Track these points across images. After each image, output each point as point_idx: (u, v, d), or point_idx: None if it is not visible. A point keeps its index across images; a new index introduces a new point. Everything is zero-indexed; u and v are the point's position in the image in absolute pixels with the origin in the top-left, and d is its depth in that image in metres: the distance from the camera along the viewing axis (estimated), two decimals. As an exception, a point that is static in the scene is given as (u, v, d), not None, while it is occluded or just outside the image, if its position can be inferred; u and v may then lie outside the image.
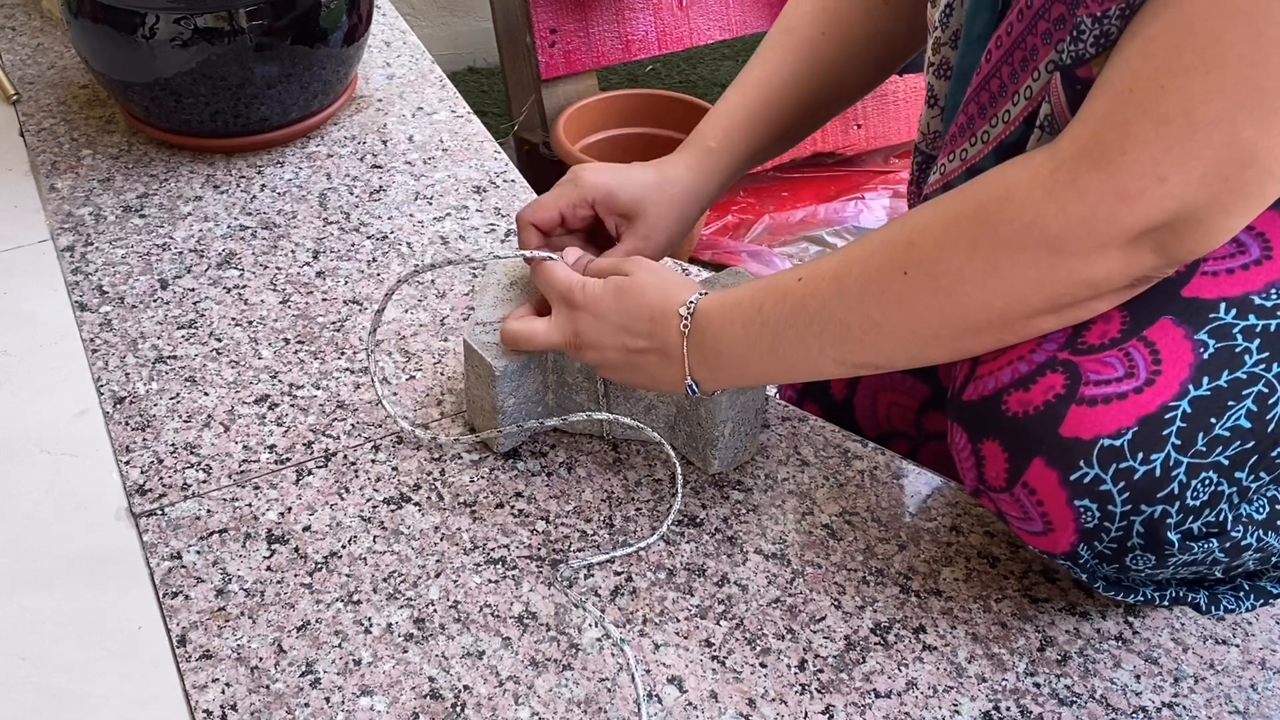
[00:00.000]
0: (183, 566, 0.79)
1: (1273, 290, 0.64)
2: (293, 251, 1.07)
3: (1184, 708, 0.73)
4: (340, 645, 0.74)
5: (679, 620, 0.76)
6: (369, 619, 0.76)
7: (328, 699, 0.71)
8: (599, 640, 0.74)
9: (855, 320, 0.66)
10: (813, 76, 0.83)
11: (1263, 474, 0.64)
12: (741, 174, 0.87)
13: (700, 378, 0.74)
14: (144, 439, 0.88)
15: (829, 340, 0.68)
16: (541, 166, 1.71)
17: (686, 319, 0.72)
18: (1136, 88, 0.55)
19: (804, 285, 0.68)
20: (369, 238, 1.09)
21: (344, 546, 0.80)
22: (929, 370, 0.90)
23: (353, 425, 0.89)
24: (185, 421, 0.89)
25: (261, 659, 0.73)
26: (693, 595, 0.78)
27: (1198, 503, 0.63)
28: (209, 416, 0.90)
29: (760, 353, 0.71)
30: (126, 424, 0.89)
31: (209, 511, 0.82)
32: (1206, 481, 0.63)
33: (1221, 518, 0.64)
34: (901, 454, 0.89)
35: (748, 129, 0.84)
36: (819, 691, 0.72)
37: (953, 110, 0.76)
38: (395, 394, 0.92)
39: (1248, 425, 0.62)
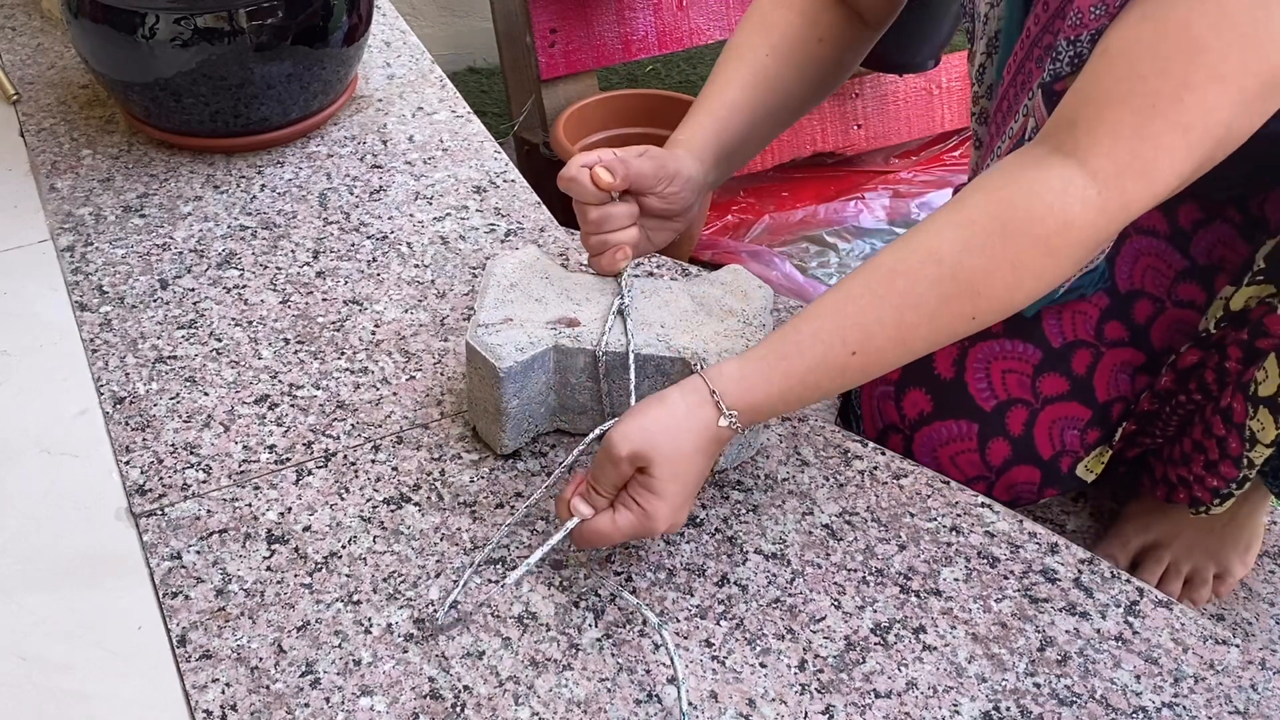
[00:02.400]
0: (183, 566, 0.79)
1: None
2: (293, 251, 1.07)
3: (1184, 708, 0.72)
4: (340, 645, 0.74)
5: (679, 620, 0.76)
6: (369, 619, 0.76)
7: (328, 699, 0.71)
8: (605, 605, 0.74)
9: (912, 359, 0.73)
10: (765, 88, 0.90)
11: None
12: (718, 175, 0.91)
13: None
14: (144, 439, 0.88)
15: (884, 372, 0.74)
16: (541, 166, 1.71)
17: (734, 426, 0.73)
18: (1159, 103, 0.64)
19: (863, 358, 0.72)
20: (369, 238, 1.09)
21: (344, 546, 0.80)
22: (1034, 334, 0.93)
23: (353, 425, 0.89)
24: (185, 421, 0.89)
25: (261, 659, 0.73)
26: (693, 595, 0.78)
27: None
28: (209, 416, 0.90)
29: (812, 403, 0.76)
30: (126, 424, 0.89)
31: (209, 511, 0.82)
32: None
33: None
34: (1020, 422, 0.91)
35: (711, 128, 0.89)
36: (819, 691, 0.72)
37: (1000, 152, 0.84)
38: (395, 394, 0.92)
39: None
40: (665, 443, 0.72)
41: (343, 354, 0.96)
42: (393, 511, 0.83)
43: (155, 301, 1.01)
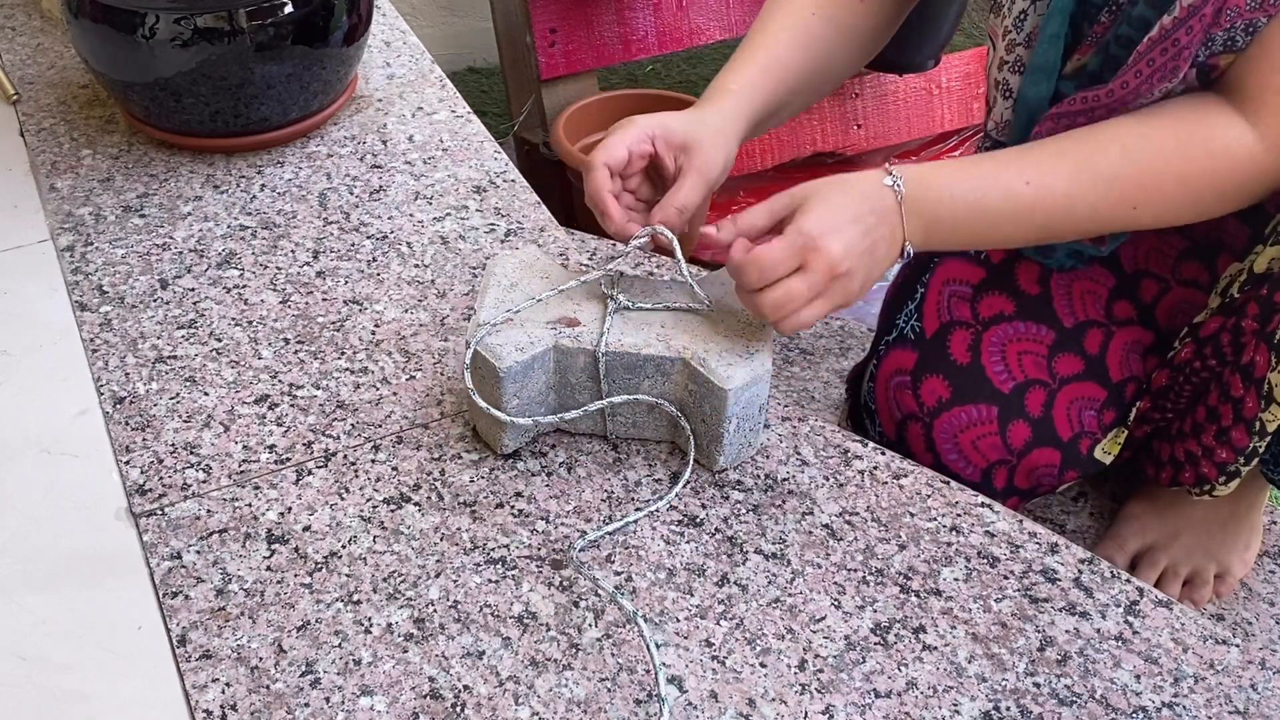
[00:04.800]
0: (183, 566, 0.79)
1: None
2: (293, 251, 1.07)
3: (1184, 708, 0.73)
4: (340, 645, 0.74)
5: (679, 620, 0.76)
6: (369, 619, 0.76)
7: (328, 699, 0.71)
8: (604, 604, 0.74)
9: (1073, 228, 0.82)
10: (806, 49, 0.91)
11: None
12: (758, 130, 0.91)
13: (915, 242, 0.80)
14: (144, 439, 0.88)
15: (1044, 235, 0.82)
16: (541, 166, 1.71)
17: (898, 188, 0.78)
18: None
19: (1033, 191, 0.79)
20: (369, 238, 1.09)
21: (344, 546, 0.80)
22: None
23: (353, 425, 0.89)
24: (185, 421, 0.89)
25: (261, 659, 0.73)
26: (693, 595, 0.78)
27: None
28: (209, 416, 0.90)
29: (974, 231, 0.81)
30: (126, 424, 0.89)
31: (209, 511, 0.82)
32: None
33: None
34: (1039, 403, 0.92)
35: (762, 81, 0.89)
36: (819, 691, 0.72)
37: (1027, 100, 0.88)
38: (395, 394, 0.92)
39: None
40: (825, 184, 0.78)
41: (343, 354, 0.96)
42: (393, 511, 0.83)
43: (155, 301, 1.01)
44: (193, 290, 1.02)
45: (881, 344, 0.98)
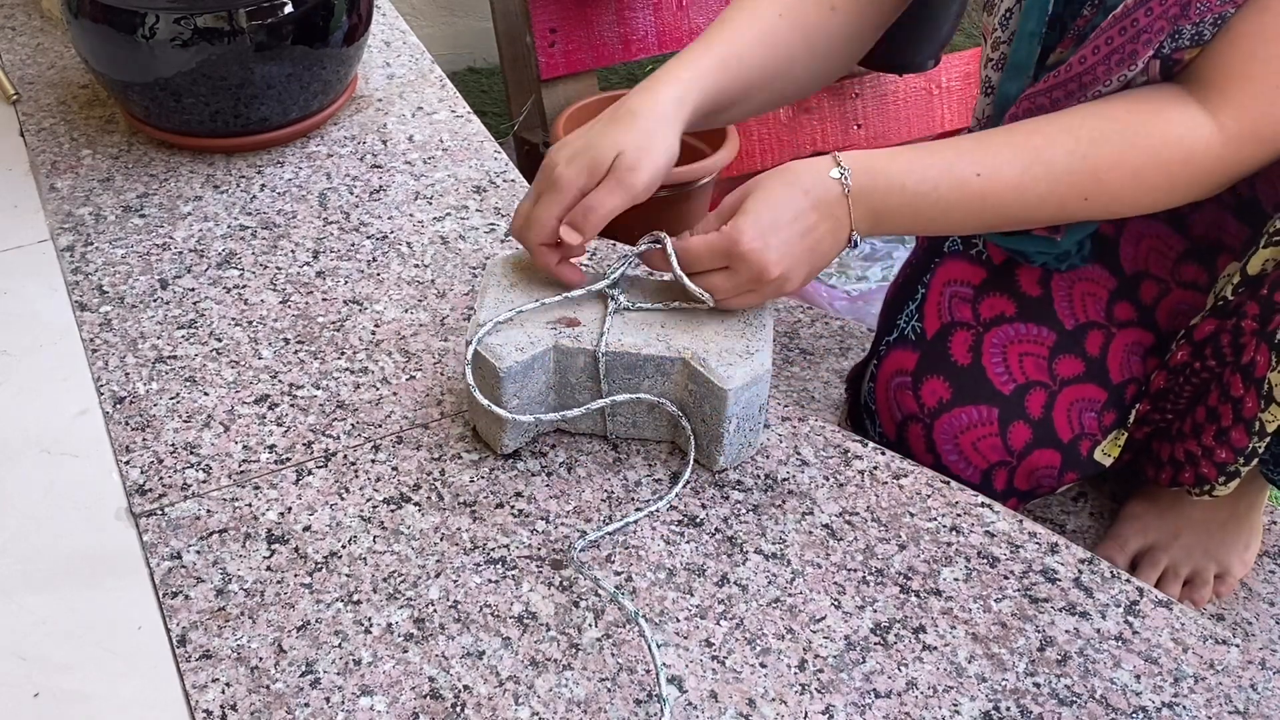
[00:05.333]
0: (183, 566, 0.79)
1: None
2: (293, 251, 1.07)
3: (1184, 708, 0.73)
4: (340, 645, 0.74)
5: (679, 620, 0.76)
6: (369, 619, 0.76)
7: (328, 699, 0.71)
8: (604, 604, 0.74)
9: (1024, 217, 0.82)
10: (767, 50, 0.90)
11: None
12: (706, 121, 0.89)
13: (861, 230, 0.81)
14: (144, 439, 0.88)
15: (994, 224, 0.82)
16: (541, 166, 1.71)
17: (845, 180, 0.79)
18: None
19: (983, 183, 0.79)
20: (369, 238, 1.09)
21: (344, 546, 0.80)
22: (1047, 316, 0.95)
23: (353, 425, 0.89)
24: (185, 421, 0.89)
25: (261, 659, 0.73)
26: (693, 595, 0.78)
27: None
28: (209, 416, 0.90)
29: (921, 220, 0.81)
30: (126, 424, 0.89)
31: (209, 511, 0.82)
32: None
33: None
34: (1040, 405, 0.93)
35: (717, 72, 0.87)
36: (819, 691, 0.72)
37: (1005, 96, 0.89)
38: (395, 394, 0.92)
39: None
40: (770, 177, 0.78)
41: (343, 354, 0.96)
42: (393, 511, 0.83)
43: (155, 301, 1.01)
44: (193, 290, 1.02)
45: (882, 344, 0.98)
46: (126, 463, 0.86)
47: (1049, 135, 0.80)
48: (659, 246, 0.83)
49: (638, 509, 0.83)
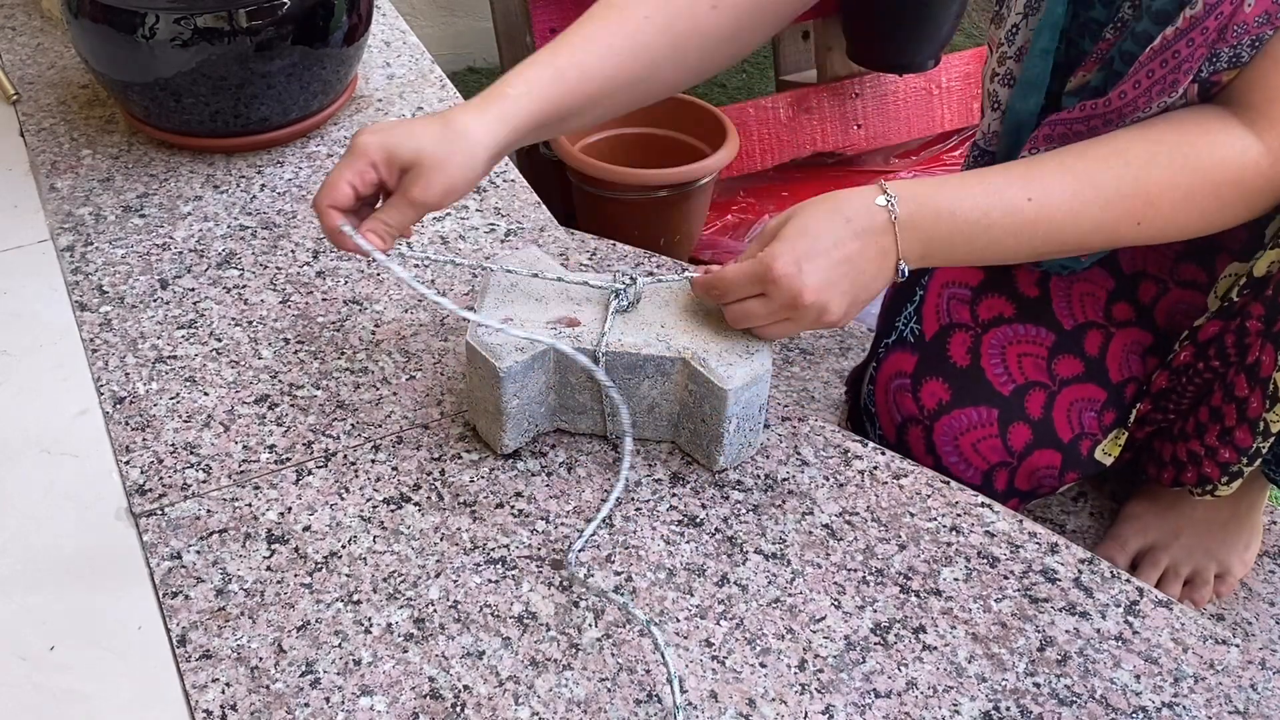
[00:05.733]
0: (183, 566, 0.79)
1: None
2: (293, 251, 1.07)
3: (1184, 708, 0.73)
4: (340, 645, 0.74)
5: (679, 620, 0.76)
6: (369, 619, 0.76)
7: (328, 699, 0.71)
8: (604, 604, 0.74)
9: (1077, 244, 0.80)
10: (629, 54, 0.85)
11: None
12: (548, 133, 0.86)
13: (910, 259, 0.79)
14: (144, 439, 0.88)
15: (1045, 252, 0.81)
16: (541, 166, 1.71)
17: (892, 207, 0.77)
18: None
19: (1035, 208, 0.77)
20: (369, 238, 1.08)
21: (344, 546, 0.80)
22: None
23: (353, 425, 0.89)
24: (185, 421, 0.89)
25: (261, 659, 0.73)
26: (693, 595, 0.78)
27: None
28: (209, 416, 0.90)
29: (974, 248, 0.80)
30: (126, 424, 0.89)
31: (209, 511, 0.82)
32: None
33: None
34: (1039, 405, 0.92)
35: (552, 85, 0.83)
36: (819, 691, 0.72)
37: (1017, 114, 0.88)
38: (395, 394, 0.92)
39: None
40: (813, 204, 0.77)
41: (343, 354, 0.96)
42: (393, 511, 0.83)
43: (155, 301, 1.01)
44: (193, 290, 1.02)
45: (881, 346, 0.98)
46: (126, 463, 0.86)
47: (1099, 158, 0.78)
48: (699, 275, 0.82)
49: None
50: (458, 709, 0.71)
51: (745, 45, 0.90)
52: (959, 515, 0.84)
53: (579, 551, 0.80)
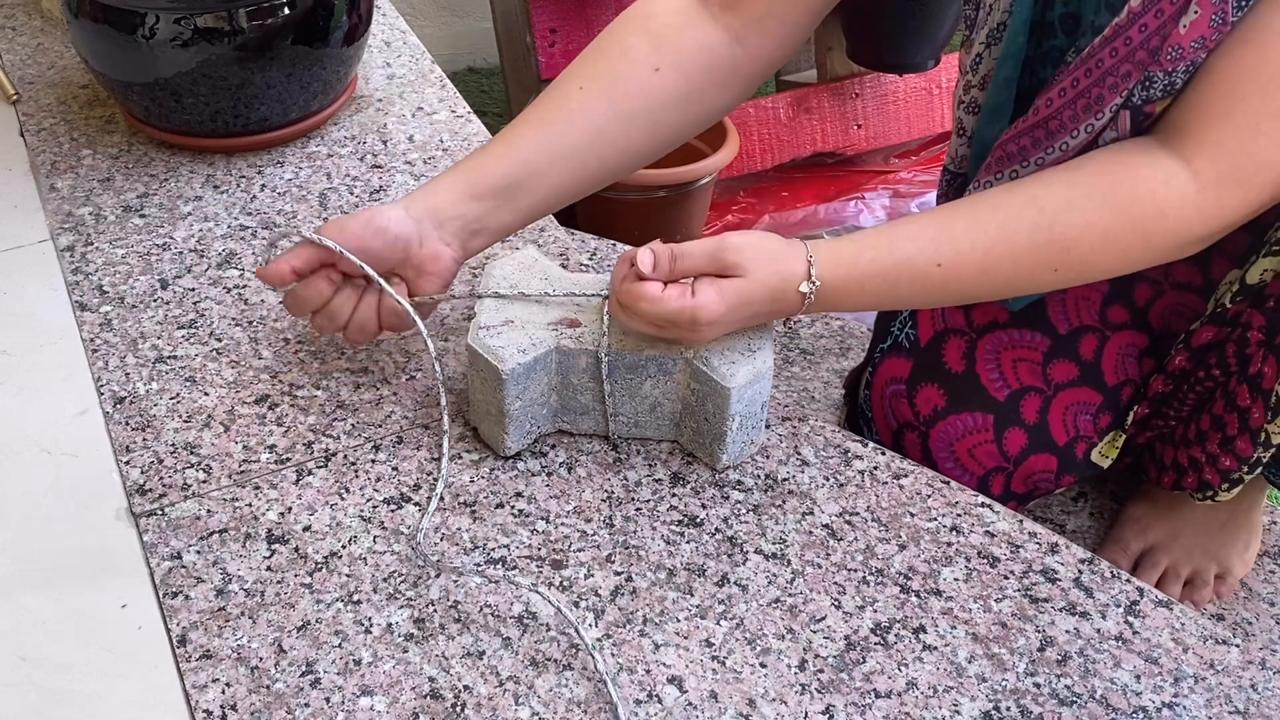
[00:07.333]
0: (183, 566, 0.79)
1: None
2: (293, 251, 1.07)
3: (1184, 708, 0.73)
4: (340, 645, 0.74)
5: (679, 620, 0.76)
6: (369, 619, 0.76)
7: (328, 699, 0.71)
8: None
9: (992, 295, 0.80)
10: (564, 123, 0.86)
11: None
12: (507, 213, 0.88)
13: (811, 315, 0.82)
14: (144, 439, 0.88)
15: (959, 302, 0.83)
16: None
17: (809, 295, 0.77)
18: (1263, 122, 0.71)
19: (945, 272, 0.77)
20: (369, 238, 1.08)
21: (344, 546, 0.80)
22: (1041, 321, 0.94)
23: (353, 425, 0.89)
24: (185, 421, 0.89)
25: (261, 659, 0.73)
26: (693, 595, 0.78)
27: None
28: (209, 416, 0.90)
29: (880, 306, 0.82)
30: (126, 424, 0.89)
31: (209, 511, 0.82)
32: None
33: None
34: (1035, 410, 0.92)
35: (486, 161, 0.87)
36: (819, 691, 0.72)
37: (983, 140, 0.89)
38: (395, 394, 0.92)
39: None
40: (757, 268, 0.76)
41: (343, 354, 0.96)
42: (393, 511, 0.83)
43: (155, 301, 1.01)
44: (193, 290, 1.02)
45: (876, 352, 0.98)
46: (126, 463, 0.86)
47: (1011, 210, 0.76)
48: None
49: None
50: (458, 709, 0.71)
51: (706, 108, 0.89)
52: (959, 515, 0.84)
53: (424, 531, 0.80)
